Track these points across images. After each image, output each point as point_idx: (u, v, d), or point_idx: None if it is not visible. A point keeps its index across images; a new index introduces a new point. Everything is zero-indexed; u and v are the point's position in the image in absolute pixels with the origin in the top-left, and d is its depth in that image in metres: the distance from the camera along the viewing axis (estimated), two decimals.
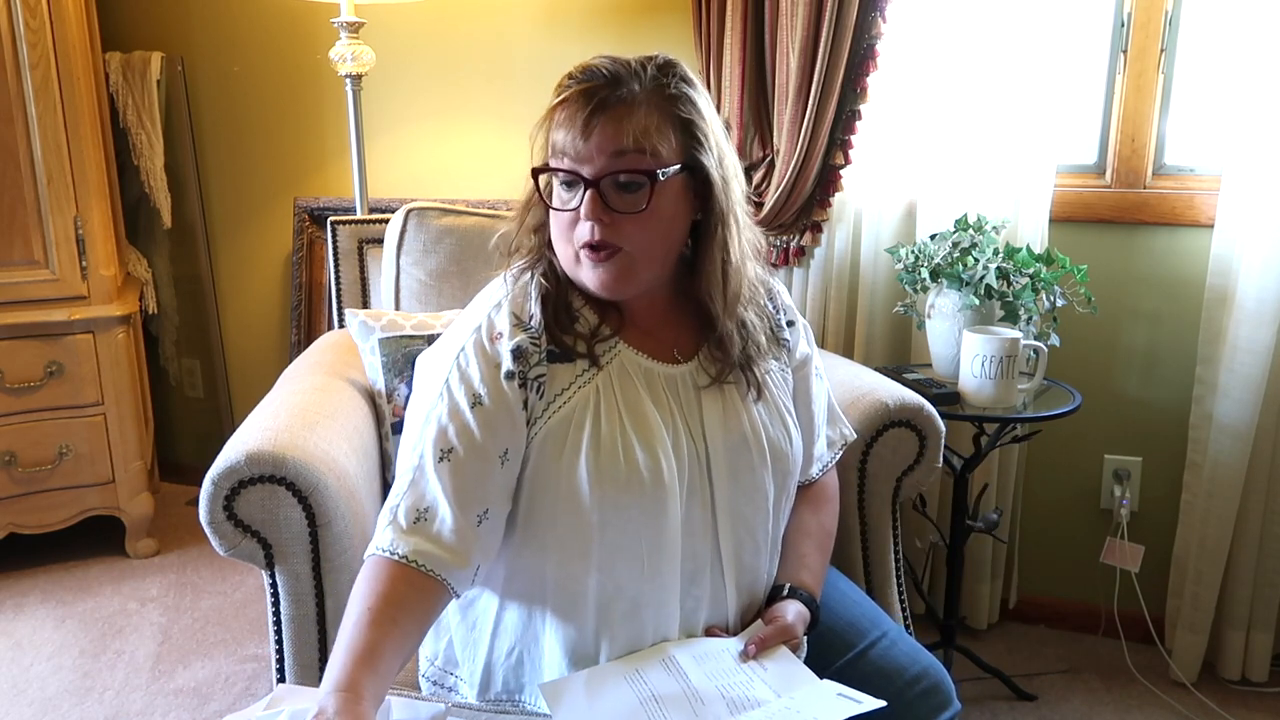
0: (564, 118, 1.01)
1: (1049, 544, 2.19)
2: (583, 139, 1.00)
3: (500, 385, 1.02)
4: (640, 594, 1.04)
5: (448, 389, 1.03)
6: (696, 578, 1.08)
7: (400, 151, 2.52)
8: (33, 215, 2.25)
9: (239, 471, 1.17)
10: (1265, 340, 1.82)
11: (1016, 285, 1.77)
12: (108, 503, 2.44)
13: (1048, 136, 1.92)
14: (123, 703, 1.90)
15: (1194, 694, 1.96)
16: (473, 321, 1.08)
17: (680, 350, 1.12)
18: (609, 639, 1.05)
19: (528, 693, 1.10)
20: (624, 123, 1.00)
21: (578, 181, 1.01)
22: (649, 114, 1.01)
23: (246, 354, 2.83)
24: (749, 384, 1.11)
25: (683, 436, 1.07)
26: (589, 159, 1.00)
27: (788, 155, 1.93)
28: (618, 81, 1.01)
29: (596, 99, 1.00)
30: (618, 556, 1.03)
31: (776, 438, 1.13)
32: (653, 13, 2.23)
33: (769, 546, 1.15)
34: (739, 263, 1.10)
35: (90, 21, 2.46)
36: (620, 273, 1.03)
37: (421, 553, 0.96)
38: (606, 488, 1.01)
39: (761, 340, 1.14)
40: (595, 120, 0.99)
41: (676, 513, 1.05)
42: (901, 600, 1.50)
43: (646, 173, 1.01)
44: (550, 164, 1.03)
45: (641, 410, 1.05)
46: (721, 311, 1.09)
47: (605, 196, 1.01)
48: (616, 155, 1.00)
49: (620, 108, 1.00)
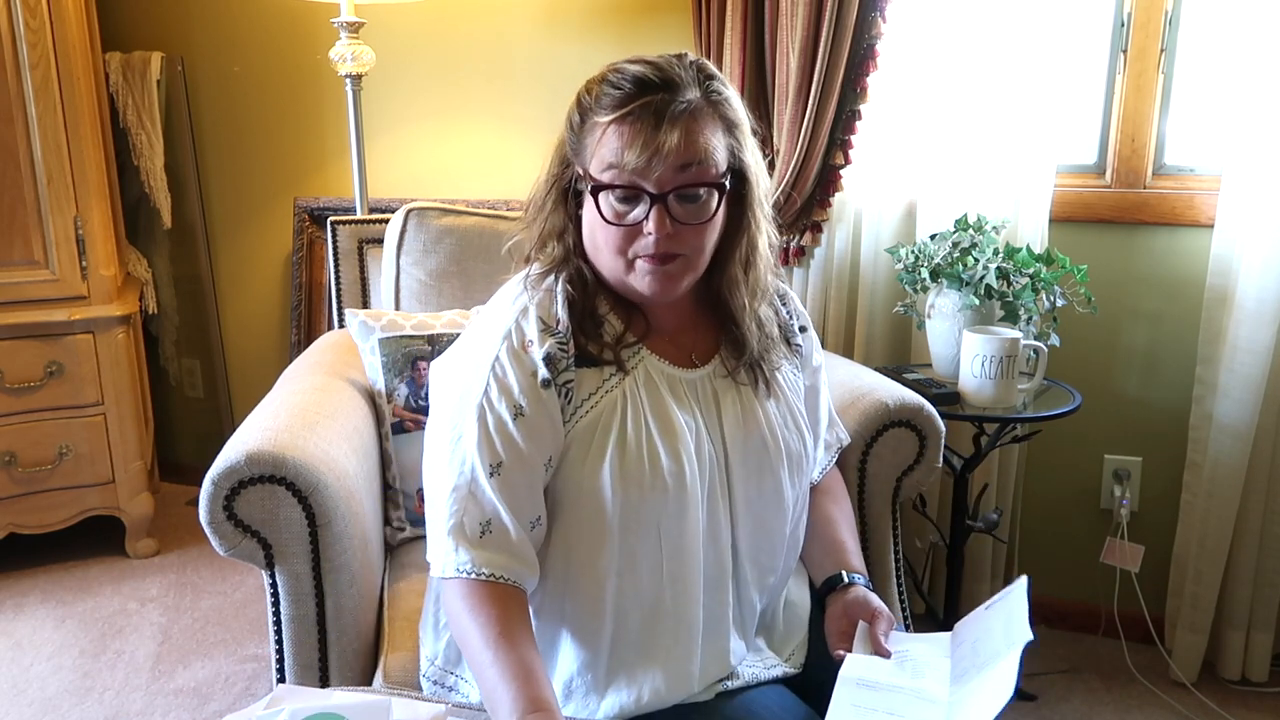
0: (626, 132, 0.97)
1: (1049, 544, 2.19)
2: (650, 155, 0.96)
3: (539, 393, 1.02)
4: (659, 600, 1.04)
5: (488, 401, 1.02)
6: (719, 582, 1.08)
7: (400, 151, 2.52)
8: (33, 215, 2.25)
9: (239, 471, 1.17)
10: (1265, 340, 1.82)
11: (1016, 285, 1.77)
12: (108, 503, 2.44)
13: (1048, 136, 1.92)
14: (123, 703, 1.90)
15: (1194, 694, 1.96)
16: (499, 328, 1.06)
17: (698, 354, 1.12)
18: (624, 645, 1.04)
19: None
20: (691, 136, 0.98)
21: (639, 195, 0.99)
22: (709, 124, 1.00)
23: (246, 354, 2.83)
24: (759, 379, 1.12)
25: (705, 440, 1.07)
26: (652, 172, 0.97)
27: (788, 155, 1.93)
28: (672, 89, 0.98)
29: (660, 113, 0.97)
30: (638, 561, 1.03)
31: (792, 439, 1.13)
32: (653, 13, 2.23)
33: (784, 547, 1.15)
34: (764, 257, 1.11)
35: (90, 21, 2.46)
36: (677, 278, 1.03)
37: (503, 566, 0.98)
38: (630, 491, 1.01)
39: (775, 333, 1.15)
40: (661, 136, 0.96)
41: (699, 517, 1.05)
42: (901, 600, 1.50)
43: (714, 184, 1.01)
44: (608, 179, 1.00)
45: (667, 415, 1.05)
46: (744, 306, 1.10)
47: (669, 209, 0.99)
48: (682, 169, 0.98)
49: (685, 120, 0.98)
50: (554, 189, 1.07)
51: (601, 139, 0.99)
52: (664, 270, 1.02)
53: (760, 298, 1.12)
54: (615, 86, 0.99)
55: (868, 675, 1.02)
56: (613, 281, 1.06)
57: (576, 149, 1.04)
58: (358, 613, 1.27)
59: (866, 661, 1.04)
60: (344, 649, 1.25)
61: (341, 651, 1.25)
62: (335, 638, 1.25)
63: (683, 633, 1.05)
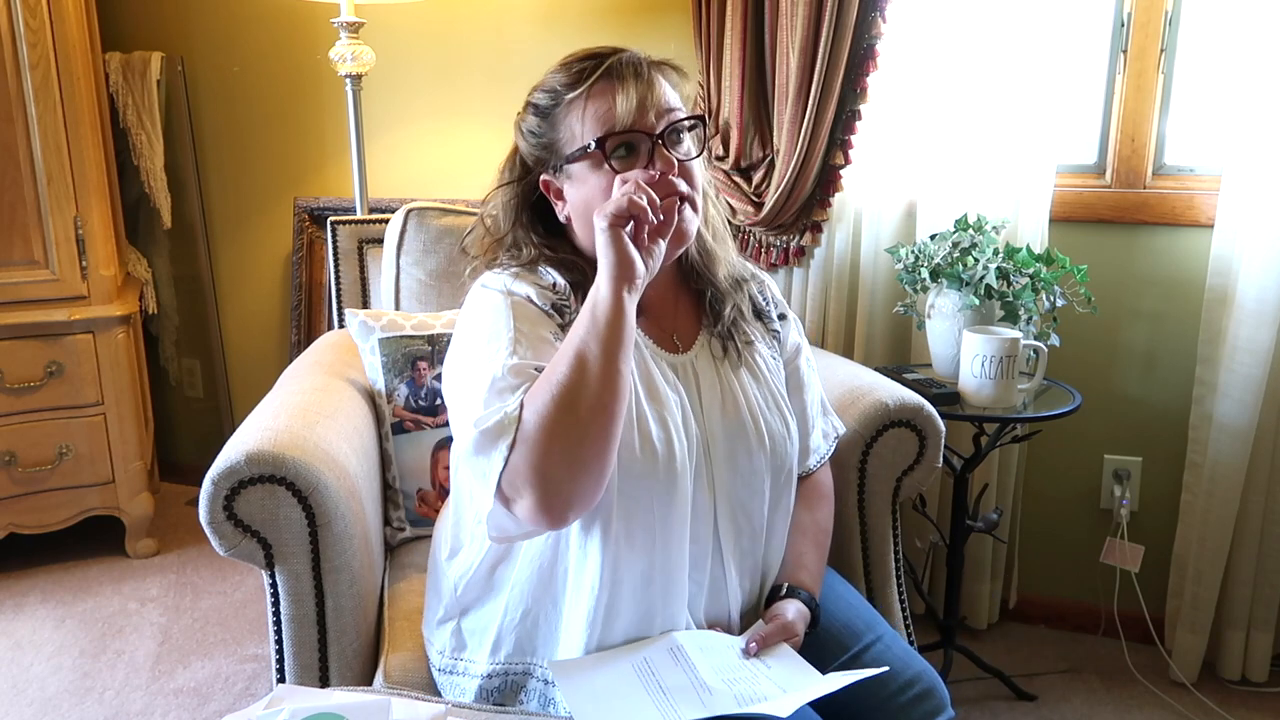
0: (607, 90, 1.04)
1: (1049, 544, 2.19)
2: (639, 99, 1.03)
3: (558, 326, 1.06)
4: (650, 570, 1.05)
5: (520, 335, 1.02)
6: (699, 562, 1.09)
7: (400, 151, 2.52)
8: (33, 215, 2.25)
9: (239, 471, 1.17)
10: (1265, 340, 1.82)
11: (1016, 285, 1.77)
12: (108, 503, 2.45)
13: (1048, 136, 1.92)
14: (123, 703, 1.90)
15: (1194, 694, 1.96)
16: (498, 296, 1.08)
17: (680, 337, 1.15)
18: (617, 613, 1.05)
19: (539, 655, 1.10)
20: (659, 79, 1.06)
21: (637, 147, 1.05)
22: (669, 74, 1.09)
23: (246, 354, 2.83)
24: (729, 349, 1.15)
25: (692, 419, 1.09)
26: (645, 117, 1.04)
27: (788, 155, 1.93)
28: (619, 52, 1.07)
29: (627, 66, 1.05)
30: (632, 530, 1.04)
31: (773, 422, 1.15)
32: (653, 13, 2.23)
33: (766, 535, 1.15)
34: (723, 221, 1.21)
35: (90, 21, 2.46)
36: (688, 222, 1.07)
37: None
38: (624, 457, 1.02)
39: (746, 307, 1.20)
40: (641, 84, 1.04)
41: (687, 492, 1.06)
42: (901, 600, 1.50)
43: (697, 118, 1.08)
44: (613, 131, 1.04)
45: (655, 386, 1.08)
46: (719, 274, 1.16)
47: (667, 149, 1.05)
48: (669, 110, 1.06)
49: (650, 70, 1.06)
50: (515, 197, 1.14)
51: (585, 109, 1.05)
52: (679, 216, 1.05)
53: (731, 267, 1.19)
54: (571, 68, 1.08)
55: (706, 643, 1.06)
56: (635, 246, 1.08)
57: (551, 140, 1.09)
58: (358, 613, 1.27)
59: (714, 636, 1.09)
60: (344, 649, 1.25)
61: (341, 651, 1.25)
62: (335, 638, 1.25)
63: (670, 607, 1.07)
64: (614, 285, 0.96)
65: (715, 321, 1.16)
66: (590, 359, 0.94)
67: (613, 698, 0.98)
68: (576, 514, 0.99)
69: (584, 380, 0.93)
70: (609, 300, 0.95)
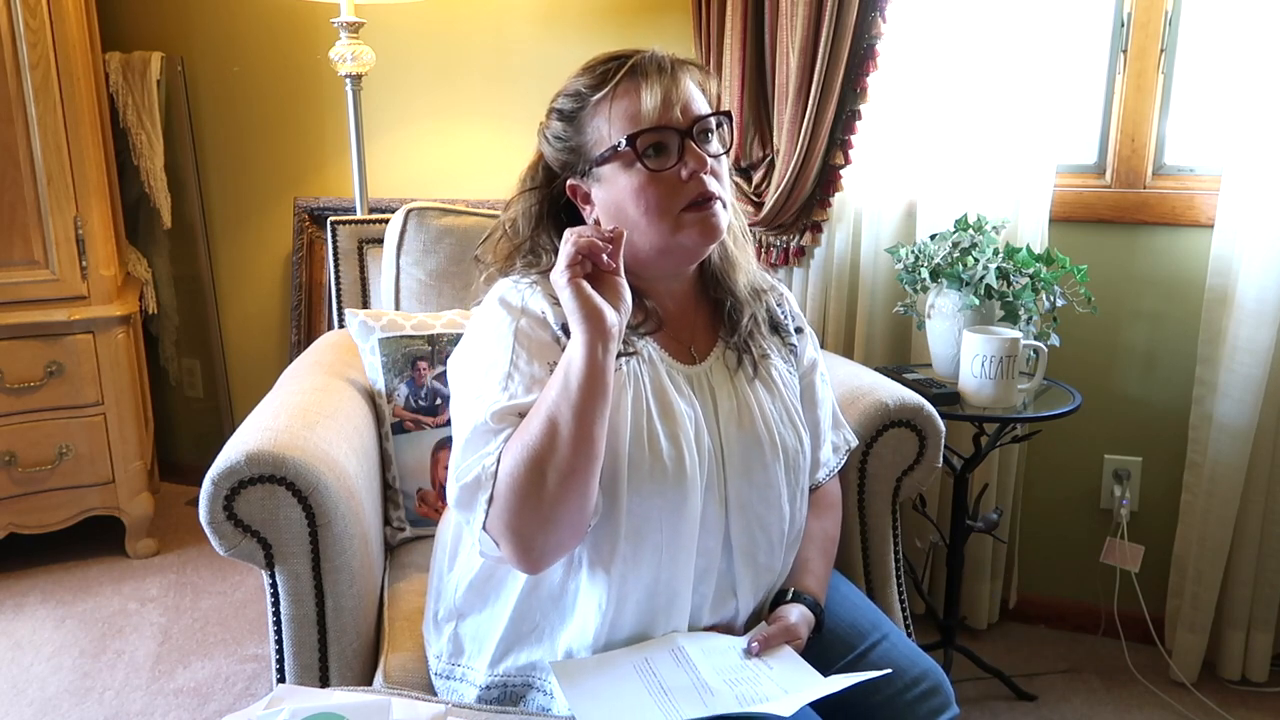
0: (634, 88, 1.04)
1: (1049, 544, 2.19)
2: (665, 94, 1.03)
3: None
4: (654, 585, 1.05)
5: (515, 369, 1.02)
6: (704, 575, 1.09)
7: (400, 151, 2.52)
8: (33, 215, 2.25)
9: (239, 471, 1.17)
10: (1265, 340, 1.82)
11: (1016, 285, 1.77)
12: (108, 503, 2.45)
13: (1048, 136, 1.92)
14: (123, 703, 1.90)
15: (1194, 694, 1.96)
16: (511, 307, 1.07)
17: (697, 349, 1.15)
18: (620, 628, 1.05)
19: (539, 669, 1.10)
20: (684, 76, 1.06)
21: (668, 145, 1.04)
22: (692, 71, 1.08)
23: (246, 354, 2.83)
24: (745, 360, 1.15)
25: (704, 432, 1.08)
26: (673, 112, 1.04)
27: (788, 155, 1.93)
28: (640, 52, 1.06)
29: (652, 63, 1.05)
30: (640, 551, 1.04)
31: (788, 435, 1.15)
32: (653, 13, 2.23)
33: (784, 546, 1.15)
34: (745, 232, 1.20)
35: (90, 21, 2.46)
36: (720, 218, 1.07)
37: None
38: (632, 475, 1.02)
39: (763, 317, 1.19)
40: (666, 79, 1.04)
41: (696, 507, 1.06)
42: (901, 600, 1.50)
43: (723, 113, 1.08)
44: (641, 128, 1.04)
45: (668, 401, 1.07)
46: (739, 282, 1.16)
47: (697, 145, 1.05)
48: (695, 107, 1.06)
49: (673, 66, 1.06)
50: (538, 204, 1.13)
51: (612, 108, 1.05)
52: (710, 212, 1.06)
53: (751, 275, 1.19)
54: (594, 71, 1.07)
55: (708, 644, 1.06)
56: (662, 248, 1.08)
57: (578, 144, 1.08)
58: (358, 613, 1.27)
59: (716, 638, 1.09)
60: (344, 649, 1.25)
61: (341, 651, 1.25)
62: (335, 638, 1.25)
63: (674, 619, 1.07)
64: (587, 342, 0.94)
65: (732, 332, 1.15)
66: (561, 424, 0.94)
67: (614, 698, 0.98)
68: (552, 562, 1.02)
69: (554, 445, 0.93)
70: (582, 360, 0.94)
